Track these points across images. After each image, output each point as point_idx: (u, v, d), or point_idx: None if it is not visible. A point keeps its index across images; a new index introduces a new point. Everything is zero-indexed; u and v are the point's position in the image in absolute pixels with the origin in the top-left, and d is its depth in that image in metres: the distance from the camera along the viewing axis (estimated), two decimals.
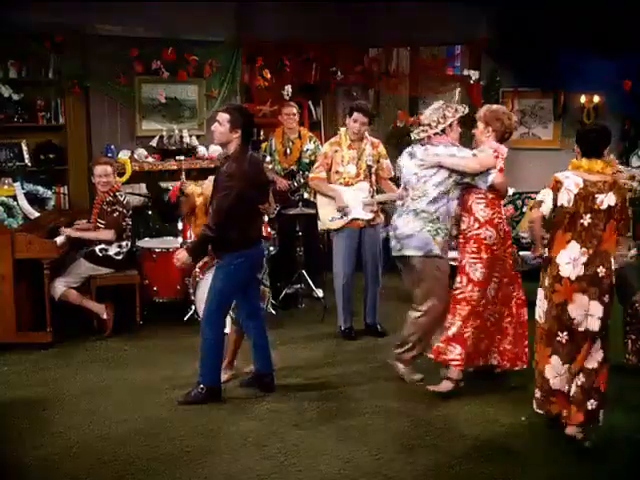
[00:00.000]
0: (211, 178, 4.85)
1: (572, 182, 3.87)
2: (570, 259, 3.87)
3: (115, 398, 4.61)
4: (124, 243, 5.89)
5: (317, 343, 5.65)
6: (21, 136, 6.81)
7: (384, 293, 5.95)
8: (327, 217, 5.68)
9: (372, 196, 5.60)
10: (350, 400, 4.56)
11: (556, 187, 3.90)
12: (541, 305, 4.03)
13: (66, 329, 5.68)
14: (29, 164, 6.78)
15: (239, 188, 4.27)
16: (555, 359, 3.99)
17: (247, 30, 7.62)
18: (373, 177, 5.65)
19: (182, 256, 4.39)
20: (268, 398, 4.58)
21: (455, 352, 4.55)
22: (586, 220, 3.86)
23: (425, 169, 4.60)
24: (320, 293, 6.57)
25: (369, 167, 5.62)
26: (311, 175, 5.86)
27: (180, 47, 7.24)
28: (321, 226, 5.86)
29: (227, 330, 4.77)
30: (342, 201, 5.57)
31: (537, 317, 4.08)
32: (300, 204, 6.41)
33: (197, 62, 7.40)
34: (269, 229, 6.12)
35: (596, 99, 7.63)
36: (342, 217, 5.61)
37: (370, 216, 5.62)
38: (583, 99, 7.70)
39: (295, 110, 6.84)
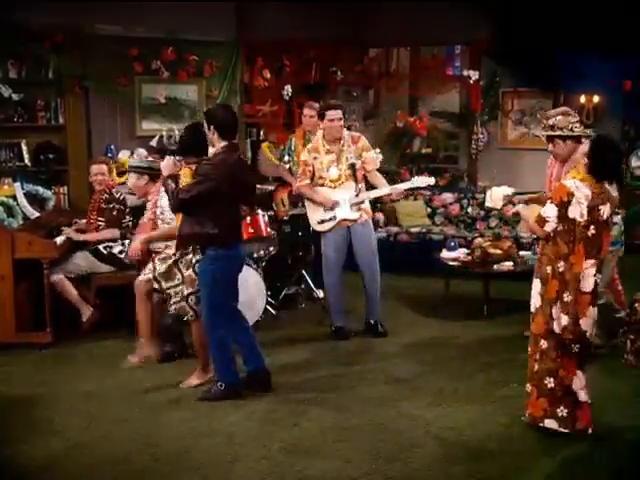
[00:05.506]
0: None
1: (582, 194, 3.80)
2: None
3: (115, 398, 4.61)
4: (127, 242, 5.88)
5: (317, 343, 5.65)
6: (21, 136, 6.83)
7: (384, 292, 5.93)
8: (316, 220, 5.70)
9: (357, 195, 5.57)
10: (350, 400, 4.55)
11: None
12: (557, 318, 3.90)
13: (66, 329, 5.67)
14: (29, 164, 6.80)
15: (216, 180, 4.27)
16: (580, 373, 3.97)
17: (247, 30, 7.63)
18: (359, 174, 5.58)
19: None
20: (267, 398, 4.57)
21: None
22: (591, 231, 3.83)
23: None
24: (320, 294, 6.55)
25: (352, 165, 5.55)
26: (297, 184, 5.87)
27: (180, 47, 7.25)
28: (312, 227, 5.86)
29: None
30: (329, 200, 5.55)
31: (556, 329, 3.92)
32: (300, 204, 6.41)
33: (197, 62, 7.41)
34: (269, 229, 6.13)
35: (596, 99, 7.64)
36: (330, 219, 5.60)
37: (357, 215, 5.61)
38: (583, 99, 7.70)
39: (314, 111, 6.63)
